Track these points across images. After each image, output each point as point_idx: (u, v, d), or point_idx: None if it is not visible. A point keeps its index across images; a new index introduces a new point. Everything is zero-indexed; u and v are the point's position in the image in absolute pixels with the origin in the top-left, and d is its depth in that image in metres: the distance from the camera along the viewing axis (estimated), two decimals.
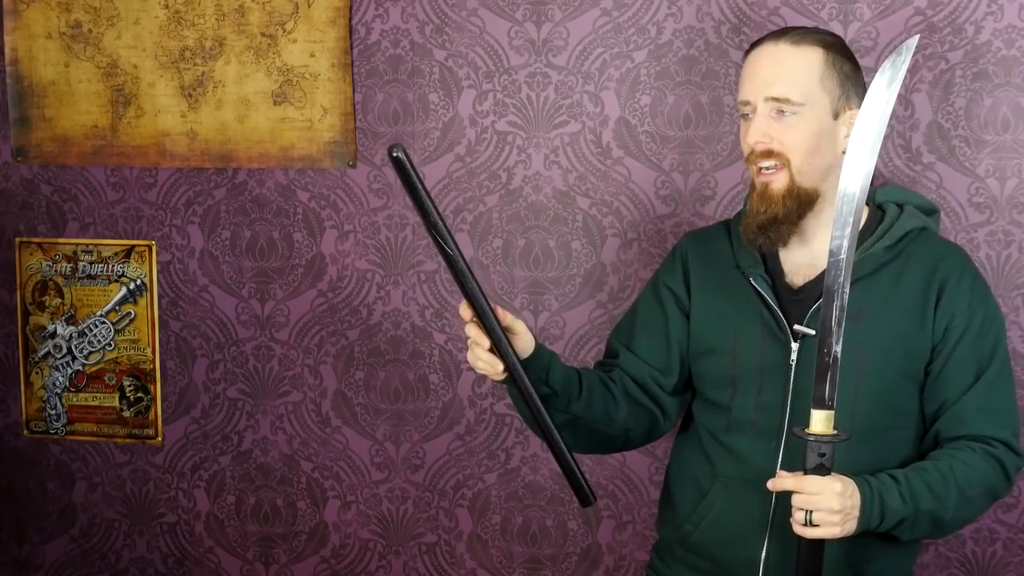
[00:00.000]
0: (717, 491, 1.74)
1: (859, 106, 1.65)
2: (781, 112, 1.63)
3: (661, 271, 1.88)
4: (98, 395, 2.63)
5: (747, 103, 1.66)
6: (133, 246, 2.57)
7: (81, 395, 2.63)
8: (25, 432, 2.68)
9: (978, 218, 2.14)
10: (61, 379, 2.64)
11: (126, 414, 2.62)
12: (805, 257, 1.71)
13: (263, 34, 2.42)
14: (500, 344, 1.61)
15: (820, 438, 1.54)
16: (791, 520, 1.56)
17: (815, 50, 1.64)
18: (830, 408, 1.55)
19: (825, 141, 1.65)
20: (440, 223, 1.53)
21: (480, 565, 2.47)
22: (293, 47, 2.41)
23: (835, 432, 1.55)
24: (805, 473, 1.54)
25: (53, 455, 2.68)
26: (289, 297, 2.50)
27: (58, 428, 2.65)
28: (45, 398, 2.65)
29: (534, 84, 2.31)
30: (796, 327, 1.65)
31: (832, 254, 1.56)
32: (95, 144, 2.54)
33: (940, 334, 1.66)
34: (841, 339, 1.54)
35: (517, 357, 1.62)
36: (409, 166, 1.47)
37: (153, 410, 2.61)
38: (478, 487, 2.45)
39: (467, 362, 2.39)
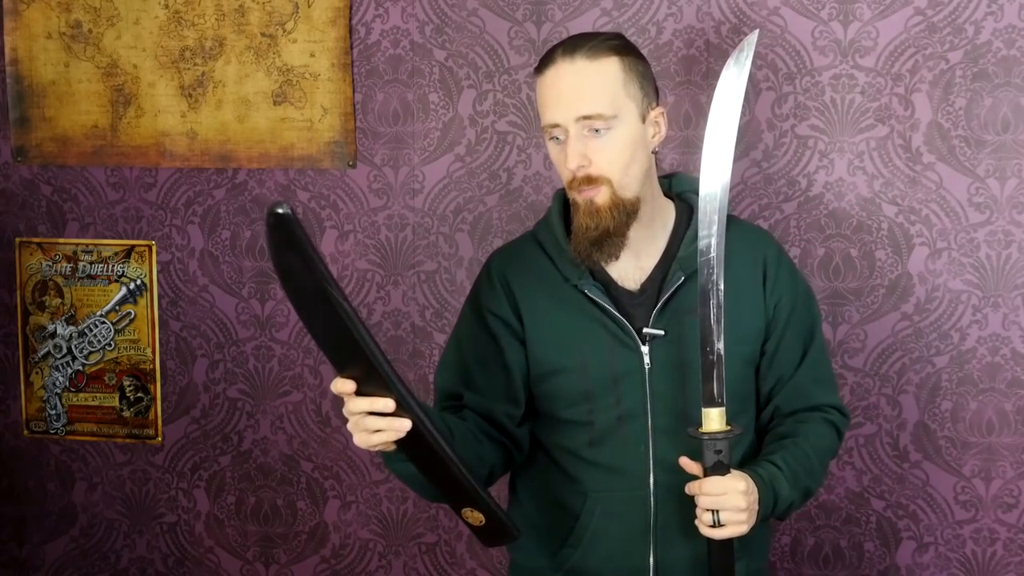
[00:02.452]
0: (591, 508, 1.69)
1: (658, 103, 1.68)
2: (595, 131, 1.59)
3: (480, 299, 1.76)
4: (98, 395, 2.63)
5: (556, 126, 1.61)
6: (133, 246, 2.57)
7: (81, 395, 2.63)
8: (25, 432, 2.68)
9: (978, 218, 2.14)
10: (61, 379, 2.64)
11: (126, 414, 2.62)
12: (630, 260, 1.69)
13: (263, 34, 2.42)
14: (405, 399, 1.44)
15: (715, 435, 1.56)
16: (696, 522, 1.57)
17: (611, 59, 1.61)
18: (720, 405, 1.57)
19: (639, 148, 1.64)
20: (334, 283, 1.37)
21: (480, 565, 2.48)
22: (293, 47, 2.41)
23: (729, 428, 1.58)
24: (705, 473, 1.56)
25: (53, 455, 2.68)
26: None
27: (58, 428, 2.65)
28: (45, 398, 2.65)
29: (534, 84, 2.30)
30: (645, 330, 1.65)
31: (702, 253, 1.59)
32: (95, 144, 2.54)
33: (771, 314, 1.71)
34: (722, 336, 1.57)
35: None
36: (296, 224, 1.32)
37: (153, 410, 2.61)
38: None
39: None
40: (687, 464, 1.59)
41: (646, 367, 1.66)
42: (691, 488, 1.57)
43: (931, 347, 2.19)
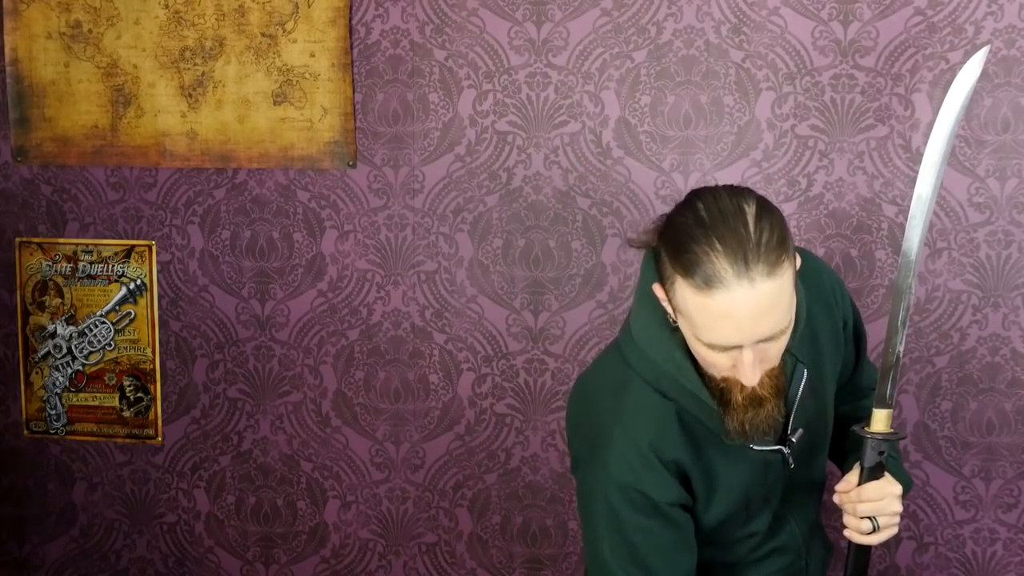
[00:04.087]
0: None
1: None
2: (772, 341, 1.40)
3: (651, 496, 1.48)
4: (98, 395, 2.62)
5: (732, 347, 1.39)
6: (133, 246, 2.57)
7: (81, 395, 2.63)
8: (25, 432, 2.68)
9: (978, 218, 2.14)
10: (61, 379, 2.64)
11: (126, 414, 2.62)
12: None
13: (263, 34, 2.42)
14: None
15: (878, 436, 1.52)
16: (845, 532, 1.53)
17: (785, 266, 1.36)
18: (890, 407, 1.53)
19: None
20: None
21: (480, 565, 2.47)
22: (293, 47, 2.41)
23: (893, 430, 1.54)
24: (863, 471, 1.52)
25: (53, 455, 2.68)
26: (289, 297, 2.50)
27: (58, 428, 2.65)
28: (45, 398, 2.65)
29: (534, 84, 2.31)
30: (791, 437, 1.56)
31: (904, 255, 1.52)
32: (95, 144, 2.54)
33: (842, 335, 1.67)
34: (904, 339, 1.52)
35: None
36: None
37: (153, 410, 2.61)
38: (478, 487, 2.45)
39: (468, 363, 2.41)
40: (848, 481, 1.53)
41: (790, 466, 1.58)
42: (845, 497, 1.51)
43: (931, 347, 2.19)
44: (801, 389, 1.53)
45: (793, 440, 1.55)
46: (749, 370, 1.39)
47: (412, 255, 2.42)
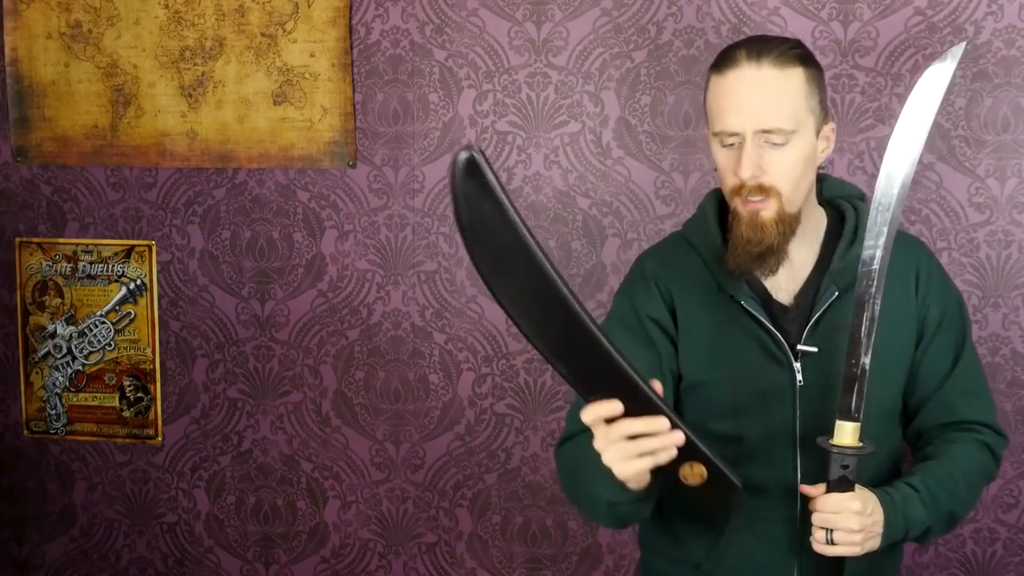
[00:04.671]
0: (735, 526, 1.65)
1: (831, 116, 1.60)
2: (772, 143, 1.52)
3: (636, 304, 1.68)
4: (98, 395, 2.63)
5: (734, 135, 1.53)
6: (133, 246, 2.57)
7: (81, 395, 2.63)
8: (25, 432, 2.68)
9: (978, 218, 2.14)
10: (61, 379, 2.64)
11: (126, 414, 2.62)
12: (784, 271, 1.63)
13: (263, 34, 2.42)
14: (672, 418, 1.33)
15: (844, 450, 1.50)
16: (811, 538, 1.52)
17: (797, 70, 1.53)
18: (857, 420, 1.51)
19: (811, 163, 1.58)
20: (534, 239, 1.21)
21: (480, 565, 2.47)
22: (293, 47, 2.41)
23: (861, 444, 1.51)
24: (828, 486, 1.51)
25: (53, 455, 2.68)
26: (289, 297, 2.50)
27: (58, 428, 2.65)
28: (45, 398, 2.65)
29: (534, 84, 2.31)
30: (799, 347, 1.60)
31: (864, 263, 1.52)
32: (95, 144, 2.54)
33: (921, 326, 1.64)
34: (870, 350, 1.51)
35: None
36: (489, 167, 1.19)
37: (153, 410, 2.61)
38: (478, 487, 2.45)
39: (468, 363, 2.41)
40: (806, 490, 1.55)
41: (798, 384, 1.60)
42: (811, 501, 1.53)
43: None
44: (826, 307, 1.58)
45: (800, 349, 1.58)
46: (746, 158, 1.51)
47: (412, 255, 2.42)
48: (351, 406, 2.50)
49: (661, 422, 1.34)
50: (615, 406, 1.33)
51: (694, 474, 1.45)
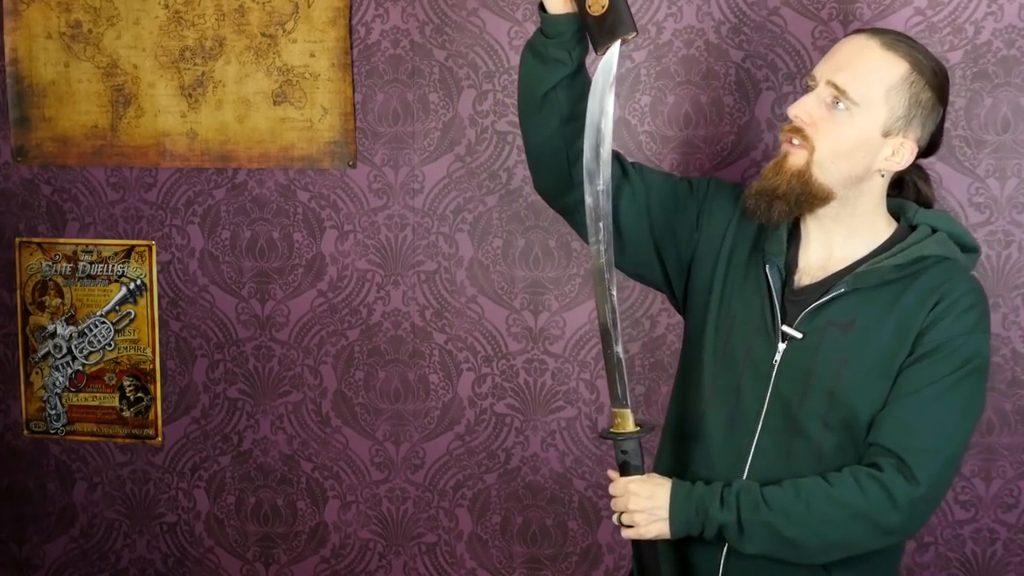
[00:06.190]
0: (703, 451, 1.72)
1: (918, 139, 1.61)
2: (836, 100, 1.57)
3: (717, 189, 1.78)
4: (98, 395, 2.63)
5: (813, 79, 1.61)
6: (133, 246, 2.57)
7: (81, 395, 2.63)
8: (25, 432, 2.68)
9: (978, 218, 2.14)
10: (61, 379, 2.64)
11: (126, 414, 2.62)
12: (821, 258, 1.67)
13: (263, 34, 2.42)
14: None
15: (618, 435, 1.65)
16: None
17: (901, 62, 1.58)
18: (625, 406, 1.65)
19: (861, 151, 1.59)
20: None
21: (480, 565, 2.48)
22: (293, 47, 2.41)
23: (637, 428, 1.65)
24: (621, 473, 1.66)
25: (53, 455, 2.68)
26: (289, 297, 2.50)
27: (58, 428, 2.65)
28: (45, 398, 2.65)
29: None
30: (784, 328, 1.63)
31: (593, 261, 1.64)
32: (95, 144, 2.54)
33: (912, 346, 1.58)
34: (620, 340, 1.64)
35: None
36: None
37: (153, 410, 2.61)
38: (478, 487, 2.45)
39: (468, 363, 2.41)
40: (609, 474, 1.70)
41: (774, 363, 1.64)
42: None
43: None
44: (828, 299, 1.61)
45: (785, 331, 1.63)
46: (805, 100, 1.60)
47: (412, 255, 2.42)
48: (351, 406, 2.50)
49: None
50: None
51: (598, 2, 1.57)
